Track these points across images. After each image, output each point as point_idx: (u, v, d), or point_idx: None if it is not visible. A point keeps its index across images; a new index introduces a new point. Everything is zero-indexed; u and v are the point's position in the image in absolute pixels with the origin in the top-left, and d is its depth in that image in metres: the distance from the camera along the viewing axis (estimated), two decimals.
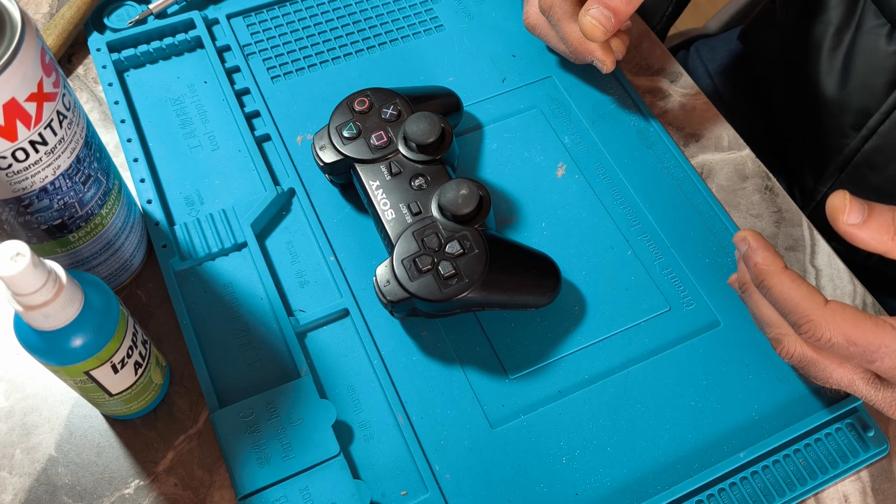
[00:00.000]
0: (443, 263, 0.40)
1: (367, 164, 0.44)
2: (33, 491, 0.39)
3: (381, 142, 0.45)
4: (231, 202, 0.47)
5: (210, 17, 0.54)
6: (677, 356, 0.44)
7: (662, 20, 0.65)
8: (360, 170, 0.44)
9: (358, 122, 0.45)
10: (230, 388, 0.42)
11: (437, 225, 0.42)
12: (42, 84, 0.33)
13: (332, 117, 0.46)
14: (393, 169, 0.44)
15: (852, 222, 0.35)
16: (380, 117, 0.45)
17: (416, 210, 0.42)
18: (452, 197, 0.41)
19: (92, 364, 0.35)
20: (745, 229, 0.39)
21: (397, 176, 0.44)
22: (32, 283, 0.31)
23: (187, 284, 0.44)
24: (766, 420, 0.42)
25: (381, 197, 0.43)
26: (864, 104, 0.54)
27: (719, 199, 0.49)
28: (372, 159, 0.44)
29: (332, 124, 0.46)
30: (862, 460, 0.41)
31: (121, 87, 0.51)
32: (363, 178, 0.44)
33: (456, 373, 0.43)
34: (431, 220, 0.42)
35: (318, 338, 0.44)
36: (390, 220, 0.42)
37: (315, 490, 0.39)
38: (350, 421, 0.41)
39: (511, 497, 0.40)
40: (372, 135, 0.45)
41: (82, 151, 0.37)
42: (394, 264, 0.41)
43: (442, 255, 0.41)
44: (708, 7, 0.90)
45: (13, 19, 0.32)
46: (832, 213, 0.35)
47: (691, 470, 0.40)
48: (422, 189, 0.43)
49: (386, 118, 0.45)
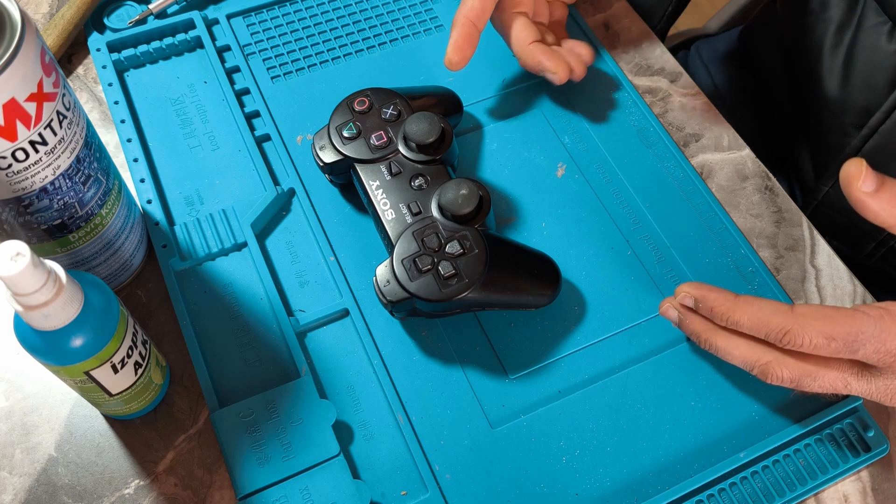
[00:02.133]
0: (443, 263, 0.40)
1: (366, 164, 0.44)
2: (33, 491, 0.39)
3: (381, 142, 0.44)
4: (231, 202, 0.47)
5: (210, 17, 0.54)
6: (677, 356, 0.44)
7: (662, 20, 0.64)
8: (360, 170, 0.44)
9: (358, 123, 0.45)
10: (230, 388, 0.42)
11: (437, 225, 0.42)
12: (42, 84, 0.33)
13: (332, 117, 0.46)
14: (393, 169, 0.44)
15: (866, 189, 0.35)
16: (380, 117, 0.45)
17: (416, 210, 0.42)
18: (452, 197, 0.41)
19: (92, 364, 0.35)
20: (681, 286, 0.40)
21: (397, 176, 0.44)
22: (32, 283, 0.31)
23: (187, 284, 0.44)
24: (766, 420, 0.42)
25: (380, 197, 0.43)
26: (866, 103, 0.54)
27: (719, 199, 0.49)
28: (372, 159, 0.44)
29: (331, 124, 0.45)
30: (862, 460, 0.41)
31: (121, 87, 0.51)
32: (363, 178, 0.44)
33: (456, 373, 0.43)
34: (431, 220, 0.42)
35: (318, 338, 0.44)
36: (390, 220, 0.42)
37: (315, 490, 0.39)
38: (350, 421, 0.41)
39: (511, 497, 0.40)
40: (372, 135, 0.45)
41: (82, 151, 0.37)
42: (394, 264, 0.40)
43: (442, 255, 0.40)
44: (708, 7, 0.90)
45: (13, 19, 0.32)
46: (846, 179, 0.35)
47: (691, 470, 0.40)
48: (422, 189, 0.43)
49: (386, 118, 0.45)
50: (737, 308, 0.37)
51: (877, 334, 0.35)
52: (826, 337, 0.35)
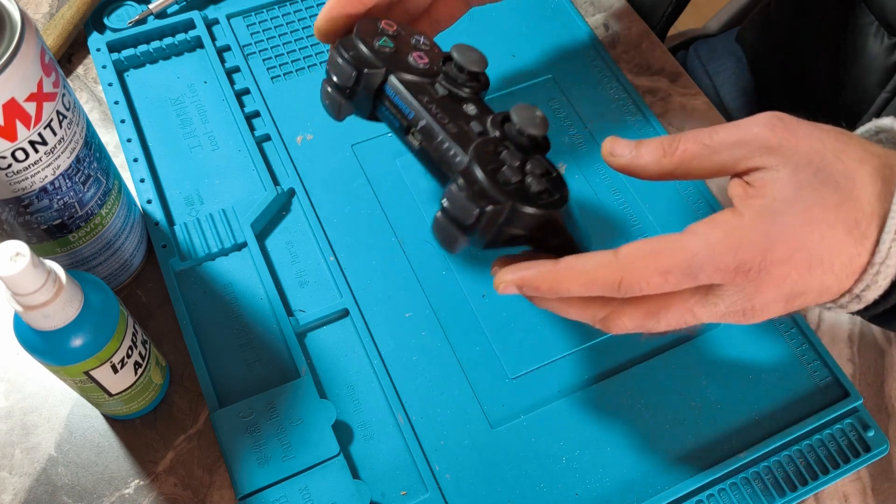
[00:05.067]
0: (529, 178, 0.35)
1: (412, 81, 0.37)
2: (33, 491, 0.39)
3: (423, 62, 0.38)
4: (231, 202, 0.47)
5: (210, 17, 0.54)
6: (677, 356, 0.44)
7: (662, 20, 0.64)
8: (407, 86, 0.37)
9: (391, 39, 0.38)
10: (230, 388, 0.42)
11: (507, 145, 0.36)
12: (42, 84, 0.33)
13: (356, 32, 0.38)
14: (440, 91, 0.37)
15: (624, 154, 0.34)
16: (410, 44, 0.39)
17: (478, 129, 0.36)
18: (529, 116, 0.36)
19: (92, 364, 0.35)
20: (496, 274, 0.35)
21: (447, 98, 0.37)
22: (32, 283, 0.30)
23: (187, 284, 0.44)
24: (766, 420, 0.42)
25: (436, 111, 0.36)
26: (857, 103, 0.54)
27: (719, 199, 0.49)
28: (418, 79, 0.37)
29: (353, 35, 0.37)
30: (862, 460, 0.41)
31: (121, 87, 0.51)
32: (408, 94, 0.36)
33: (456, 373, 0.43)
34: (501, 139, 0.36)
35: (318, 338, 0.44)
36: (455, 133, 0.35)
37: (315, 490, 0.39)
38: (350, 421, 0.41)
39: (511, 497, 0.40)
40: (411, 54, 0.38)
41: (82, 151, 0.37)
42: (477, 176, 0.34)
43: (524, 172, 0.35)
44: (708, 7, 0.90)
45: (13, 19, 0.32)
46: (606, 157, 0.34)
47: (691, 470, 0.40)
48: (476, 116, 0.37)
49: (418, 45, 0.39)
50: (561, 279, 0.33)
51: (709, 252, 0.31)
52: (661, 273, 0.32)
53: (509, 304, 0.45)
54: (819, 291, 0.32)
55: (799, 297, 0.32)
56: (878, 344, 0.46)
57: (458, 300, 0.45)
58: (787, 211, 0.31)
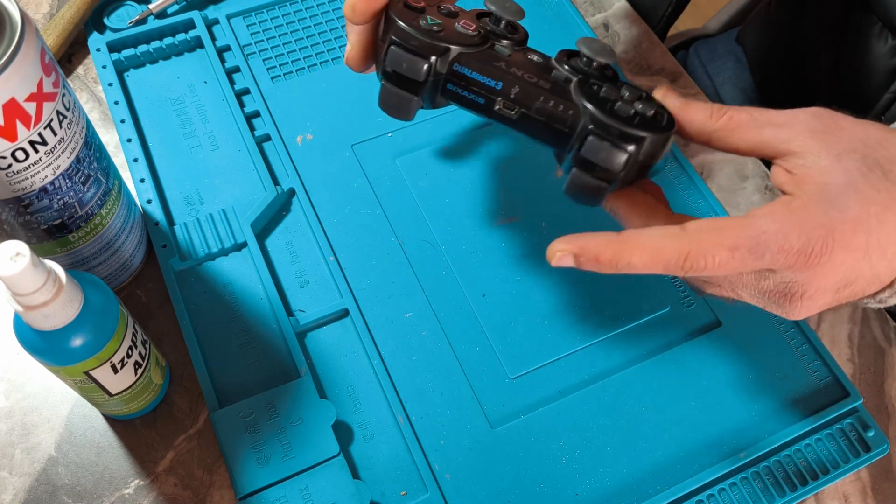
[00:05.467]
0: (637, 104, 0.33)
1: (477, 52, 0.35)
2: (33, 491, 0.39)
3: (471, 29, 0.35)
4: (231, 202, 0.47)
5: (210, 17, 0.54)
6: (677, 356, 0.44)
7: (662, 20, 0.65)
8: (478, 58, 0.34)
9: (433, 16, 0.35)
10: (230, 388, 0.42)
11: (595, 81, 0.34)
12: (42, 84, 0.33)
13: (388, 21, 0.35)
14: (504, 52, 0.35)
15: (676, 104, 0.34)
16: (443, 14, 0.36)
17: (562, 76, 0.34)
18: (596, 47, 0.34)
19: (92, 364, 0.35)
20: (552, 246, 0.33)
21: (518, 55, 0.35)
22: (32, 283, 0.30)
23: (187, 284, 0.44)
24: (766, 420, 0.42)
25: (519, 73, 0.34)
26: (859, 104, 0.54)
27: (719, 199, 0.49)
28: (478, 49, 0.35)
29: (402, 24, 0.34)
30: (862, 460, 0.41)
31: (121, 87, 0.51)
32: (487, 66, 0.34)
33: (456, 373, 0.43)
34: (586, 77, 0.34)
35: (318, 338, 0.44)
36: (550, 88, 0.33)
37: (315, 490, 0.39)
38: (350, 421, 0.41)
39: (511, 497, 0.40)
40: (457, 23, 0.35)
41: (82, 151, 0.37)
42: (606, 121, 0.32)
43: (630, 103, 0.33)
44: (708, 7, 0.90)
45: (13, 19, 0.32)
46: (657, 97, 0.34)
47: (691, 470, 0.40)
48: (545, 64, 0.35)
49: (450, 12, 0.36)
50: (624, 249, 0.32)
51: (777, 229, 0.30)
52: (728, 248, 0.30)
53: (509, 304, 0.45)
54: (870, 279, 0.31)
55: (849, 286, 0.31)
56: (878, 344, 0.46)
57: (458, 300, 0.45)
58: (842, 193, 0.30)
